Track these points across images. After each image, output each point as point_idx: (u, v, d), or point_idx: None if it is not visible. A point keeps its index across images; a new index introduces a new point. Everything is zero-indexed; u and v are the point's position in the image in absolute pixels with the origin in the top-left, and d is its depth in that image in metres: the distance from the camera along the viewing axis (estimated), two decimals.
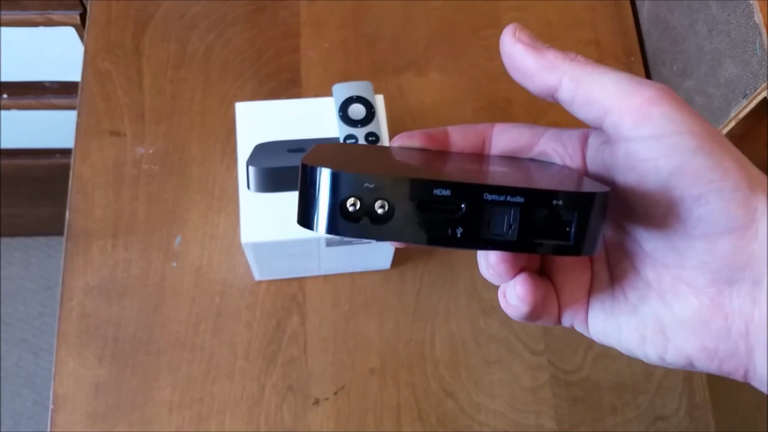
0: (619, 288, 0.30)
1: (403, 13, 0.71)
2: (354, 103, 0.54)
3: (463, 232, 0.25)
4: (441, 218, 0.25)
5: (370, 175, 0.25)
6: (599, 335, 0.30)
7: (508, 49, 0.29)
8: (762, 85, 0.51)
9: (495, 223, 0.25)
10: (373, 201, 0.25)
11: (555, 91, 0.29)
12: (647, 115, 0.26)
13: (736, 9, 0.53)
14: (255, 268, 0.58)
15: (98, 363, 0.58)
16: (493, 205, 0.24)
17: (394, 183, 0.25)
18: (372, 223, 0.25)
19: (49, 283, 1.33)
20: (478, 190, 0.24)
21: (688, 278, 0.27)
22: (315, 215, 0.25)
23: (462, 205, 0.25)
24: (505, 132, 0.32)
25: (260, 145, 0.53)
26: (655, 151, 0.26)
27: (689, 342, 0.27)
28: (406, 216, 0.25)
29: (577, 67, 0.28)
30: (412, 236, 0.25)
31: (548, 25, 0.71)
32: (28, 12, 0.77)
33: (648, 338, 0.28)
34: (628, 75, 0.27)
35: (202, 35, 0.69)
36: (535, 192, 0.25)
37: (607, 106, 0.27)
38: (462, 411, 0.58)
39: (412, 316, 0.60)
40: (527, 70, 0.29)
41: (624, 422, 0.58)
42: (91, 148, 0.64)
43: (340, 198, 0.25)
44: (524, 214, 0.25)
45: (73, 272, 0.60)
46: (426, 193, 0.25)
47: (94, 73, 0.67)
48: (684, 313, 0.27)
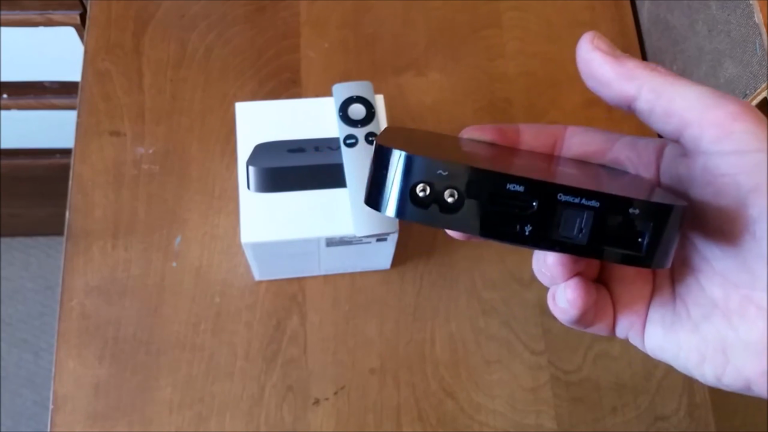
0: (681, 304, 0.29)
1: (403, 13, 0.71)
2: (354, 103, 0.54)
3: (532, 231, 0.24)
4: (511, 214, 0.24)
5: (444, 162, 0.24)
6: (655, 350, 0.30)
7: (585, 56, 0.29)
8: (762, 85, 0.51)
9: (566, 225, 0.24)
10: (444, 189, 0.24)
11: (633, 101, 0.28)
12: (729, 130, 0.26)
13: (736, 9, 0.53)
14: (255, 268, 0.58)
15: (98, 363, 0.58)
16: (567, 206, 0.24)
17: (468, 173, 0.24)
18: (440, 211, 0.25)
19: (49, 283, 1.33)
20: (553, 189, 0.24)
21: (758, 300, 0.27)
22: (384, 197, 0.25)
23: (534, 203, 0.24)
24: (577, 135, 0.32)
25: (260, 145, 0.53)
26: (735, 167, 0.26)
27: (751, 365, 0.27)
28: (475, 207, 0.24)
29: (658, 77, 0.27)
30: (480, 229, 0.25)
31: (548, 25, 0.71)
32: (28, 12, 0.77)
33: (708, 358, 0.28)
34: (710, 89, 0.27)
35: (202, 35, 0.69)
36: (612, 198, 0.24)
37: (688, 119, 0.27)
38: (462, 411, 0.58)
39: (412, 316, 0.61)
40: (604, 78, 0.28)
41: (624, 422, 0.58)
42: (91, 148, 0.64)
43: (412, 182, 0.24)
44: (597, 219, 0.24)
45: (73, 272, 0.60)
46: (499, 187, 0.24)
47: (94, 73, 0.67)
48: (750, 335, 0.27)
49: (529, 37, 0.71)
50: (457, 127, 0.67)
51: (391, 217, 0.25)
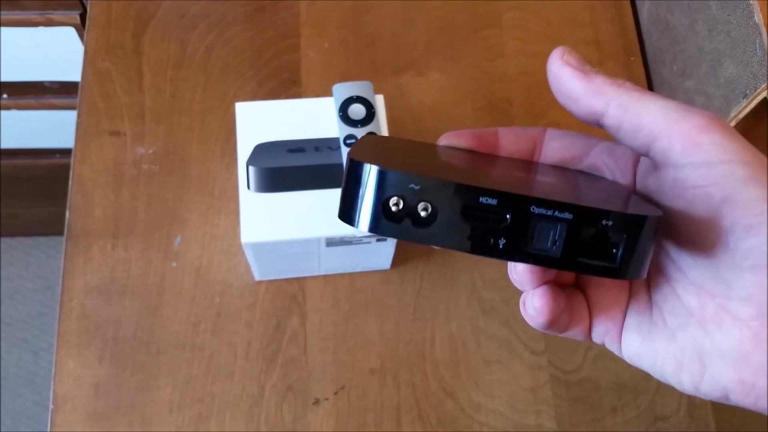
0: (658, 312, 0.29)
1: (403, 13, 0.71)
2: (354, 103, 0.54)
3: (506, 244, 0.24)
4: (484, 227, 0.24)
5: (416, 176, 0.24)
6: (633, 357, 0.30)
7: (556, 71, 0.29)
8: (762, 85, 0.51)
9: (540, 238, 0.24)
10: (417, 203, 0.24)
11: (601, 116, 0.28)
12: (697, 142, 0.26)
13: (736, 9, 0.53)
14: (255, 268, 0.58)
15: (98, 363, 0.58)
16: (540, 218, 0.24)
17: (440, 186, 0.24)
18: (413, 225, 0.24)
19: (49, 283, 1.33)
20: (526, 202, 0.24)
21: (732, 309, 0.27)
22: (357, 211, 0.25)
23: (507, 216, 0.24)
24: (556, 139, 0.32)
25: (260, 145, 0.53)
26: (705, 178, 0.26)
27: (727, 374, 0.27)
28: (448, 221, 0.24)
29: (625, 93, 0.28)
30: (453, 242, 0.24)
31: (548, 25, 0.71)
32: (28, 12, 0.77)
33: (685, 366, 0.28)
34: (676, 102, 0.27)
35: (202, 35, 0.69)
36: (585, 210, 0.24)
37: (655, 133, 0.27)
38: (462, 411, 0.58)
39: (412, 316, 0.60)
40: (573, 93, 0.28)
41: (624, 422, 0.58)
42: (91, 148, 0.64)
43: (384, 196, 0.24)
44: (571, 232, 0.24)
45: (73, 272, 0.60)
46: (471, 200, 0.24)
47: (94, 73, 0.67)
48: (725, 344, 0.27)
49: (529, 37, 0.71)
50: (457, 127, 0.67)
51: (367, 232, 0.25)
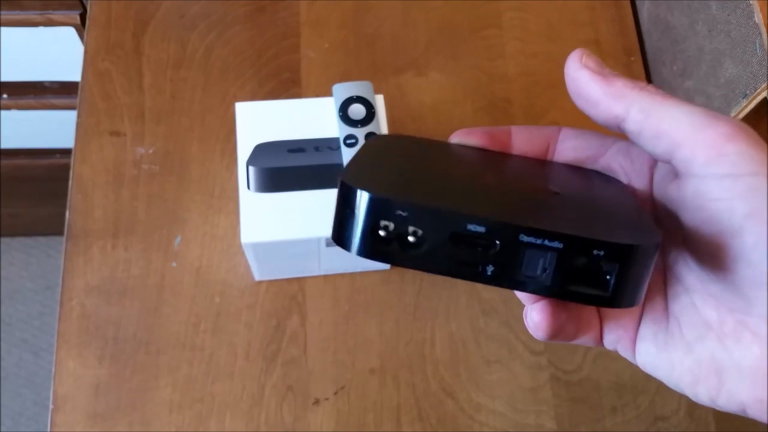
0: (675, 323, 0.28)
1: (403, 13, 0.71)
2: (354, 103, 0.54)
3: (494, 271, 0.24)
4: (473, 253, 0.24)
5: (403, 203, 0.24)
6: (648, 367, 0.29)
7: (573, 74, 0.28)
8: (762, 85, 0.51)
9: (529, 266, 0.24)
10: (405, 228, 0.24)
11: (621, 121, 0.27)
12: (722, 152, 0.25)
13: (736, 9, 0.53)
14: (255, 268, 0.58)
15: (98, 363, 0.58)
16: (529, 247, 0.23)
17: (427, 214, 0.24)
18: (401, 249, 0.24)
19: (49, 283, 1.33)
20: (514, 230, 0.23)
21: (753, 326, 0.26)
22: (347, 234, 0.24)
23: (496, 243, 0.24)
24: (570, 139, 0.31)
25: (260, 145, 0.53)
26: (729, 191, 0.25)
27: (745, 390, 0.26)
28: (437, 247, 0.24)
29: (647, 97, 0.27)
30: (441, 268, 0.24)
31: (548, 25, 0.71)
32: (28, 12, 0.77)
33: (702, 379, 0.27)
34: (701, 108, 0.26)
35: (202, 35, 0.69)
36: (575, 239, 0.23)
37: (678, 140, 0.26)
38: (462, 411, 0.58)
39: (412, 316, 0.60)
40: (592, 97, 0.28)
41: (624, 422, 0.58)
42: (91, 148, 0.64)
43: (372, 222, 0.24)
44: (561, 261, 0.23)
45: (73, 272, 0.60)
46: (459, 227, 0.23)
47: (94, 73, 0.67)
48: (744, 360, 0.26)
49: (529, 37, 0.71)
50: (457, 127, 0.66)
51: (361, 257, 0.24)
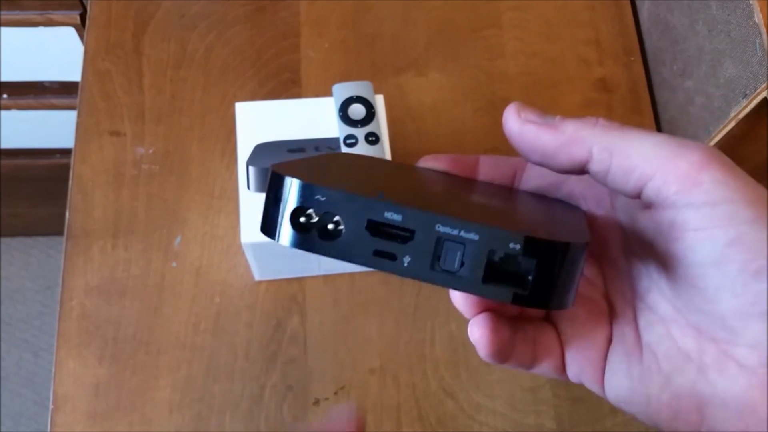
0: (650, 355, 0.27)
1: (403, 13, 0.71)
2: (354, 103, 0.54)
3: (411, 262, 0.23)
4: (390, 243, 0.23)
5: (322, 188, 0.23)
6: (620, 402, 0.28)
7: (517, 132, 0.27)
8: (762, 85, 0.51)
9: (446, 258, 0.23)
10: (324, 215, 0.23)
11: (585, 164, 0.26)
12: (696, 182, 0.24)
13: (736, 9, 0.53)
14: (255, 268, 0.58)
15: (98, 363, 0.58)
16: (446, 238, 0.23)
17: (345, 199, 0.23)
18: (320, 237, 0.23)
19: (49, 283, 1.33)
20: (431, 219, 0.23)
21: (738, 356, 0.25)
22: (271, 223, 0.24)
23: (413, 233, 0.23)
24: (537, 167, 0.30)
25: (260, 145, 0.53)
26: (708, 220, 0.24)
27: (729, 424, 0.25)
28: (355, 235, 0.23)
29: (606, 133, 0.26)
30: (359, 257, 0.23)
31: (548, 25, 0.71)
32: (28, 12, 0.77)
33: (681, 414, 0.26)
34: (666, 136, 0.25)
35: (202, 35, 0.69)
36: (491, 230, 0.22)
37: (649, 173, 0.25)
38: (462, 411, 0.58)
39: (412, 316, 0.60)
40: (548, 150, 0.26)
41: (624, 422, 0.58)
42: (91, 148, 0.64)
43: (292, 207, 0.23)
44: (478, 254, 0.22)
45: (73, 272, 0.60)
46: (376, 214, 0.23)
47: (94, 73, 0.67)
48: (729, 392, 0.25)
49: (529, 37, 0.71)
50: (457, 127, 0.67)
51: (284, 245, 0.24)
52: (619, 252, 0.29)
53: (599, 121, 0.26)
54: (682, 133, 0.63)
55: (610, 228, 0.29)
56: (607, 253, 0.29)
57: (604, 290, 0.29)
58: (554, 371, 0.29)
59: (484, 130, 0.67)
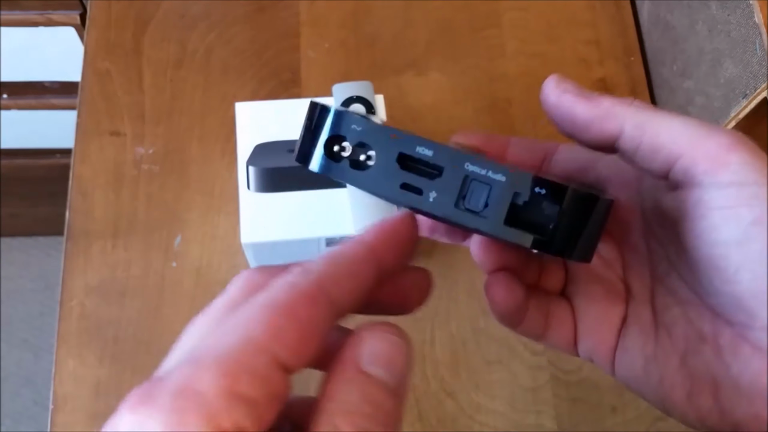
0: (665, 335, 0.27)
1: (403, 13, 0.71)
2: (354, 103, 0.54)
3: (436, 198, 0.24)
4: (418, 178, 0.24)
5: (358, 118, 0.24)
6: (630, 381, 0.28)
7: (554, 101, 0.27)
8: (762, 85, 0.51)
9: (471, 197, 0.24)
10: (357, 144, 0.24)
11: (616, 140, 0.26)
12: (725, 162, 0.24)
13: (736, 9, 0.53)
14: None
15: (98, 363, 0.58)
16: (473, 177, 0.23)
17: (379, 131, 0.24)
18: (351, 166, 0.24)
19: (49, 283, 1.33)
20: (461, 157, 0.23)
21: (754, 339, 0.25)
22: (308, 151, 0.25)
23: (442, 170, 0.24)
24: (565, 152, 0.31)
25: (260, 145, 0.53)
26: (733, 199, 0.24)
27: (741, 407, 0.25)
28: (385, 167, 0.24)
29: (639, 112, 0.26)
30: (386, 189, 0.24)
31: (548, 25, 0.71)
32: (28, 12, 0.77)
33: (694, 394, 0.26)
34: (695, 119, 0.26)
35: (202, 35, 0.69)
36: (519, 174, 0.23)
37: (678, 152, 0.25)
38: (462, 411, 0.58)
39: (412, 316, 0.60)
40: (580, 121, 0.27)
41: (624, 422, 0.58)
42: (91, 148, 0.64)
43: (328, 134, 0.24)
44: (502, 194, 0.23)
45: (73, 272, 0.60)
46: (408, 148, 0.24)
47: (94, 73, 0.67)
48: (743, 375, 0.25)
49: (529, 37, 0.71)
50: (457, 127, 0.67)
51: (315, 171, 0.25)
52: (640, 237, 0.29)
53: (634, 102, 0.27)
54: None
55: (633, 213, 0.29)
56: (628, 238, 0.29)
57: (622, 274, 0.29)
58: (565, 344, 0.29)
59: (485, 130, 0.67)
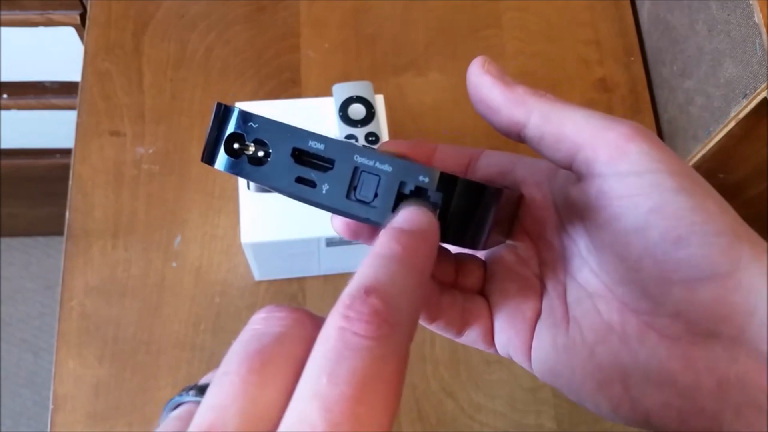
0: (576, 327, 0.28)
1: (403, 13, 0.71)
2: (354, 103, 0.54)
3: (329, 190, 0.25)
4: (312, 171, 0.25)
5: (254, 115, 0.26)
6: (545, 374, 0.28)
7: (475, 80, 0.28)
8: (762, 85, 0.51)
9: (362, 188, 0.25)
10: (254, 140, 0.26)
11: (522, 127, 0.27)
12: (624, 151, 0.25)
13: (736, 9, 0.53)
14: (255, 268, 0.58)
15: (98, 363, 0.58)
16: (363, 169, 0.25)
17: (274, 127, 0.26)
18: (249, 163, 0.26)
19: (49, 283, 1.33)
20: (350, 150, 0.25)
21: (659, 326, 0.25)
22: (208, 148, 0.27)
23: (333, 162, 0.25)
24: (488, 158, 0.31)
25: None
26: (632, 188, 0.25)
27: (651, 396, 0.25)
28: (280, 162, 0.25)
29: (547, 102, 0.27)
30: (282, 183, 0.25)
31: (548, 25, 0.71)
32: (28, 12, 0.77)
33: (604, 385, 0.26)
34: (599, 112, 0.26)
35: (202, 35, 0.69)
36: (404, 163, 0.24)
37: (579, 142, 0.26)
38: (462, 411, 0.58)
39: None
40: (494, 103, 0.28)
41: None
42: (91, 148, 0.64)
43: (226, 132, 0.26)
44: (389, 184, 0.24)
45: (73, 272, 0.60)
46: (301, 143, 0.25)
47: (94, 73, 0.67)
48: (650, 363, 0.25)
49: (529, 37, 0.71)
50: (457, 127, 0.67)
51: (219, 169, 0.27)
52: (554, 234, 0.30)
53: (547, 94, 0.27)
54: (682, 133, 0.63)
55: (547, 212, 0.30)
56: (543, 235, 0.30)
57: (538, 270, 0.30)
58: (482, 340, 0.30)
59: (484, 131, 0.66)
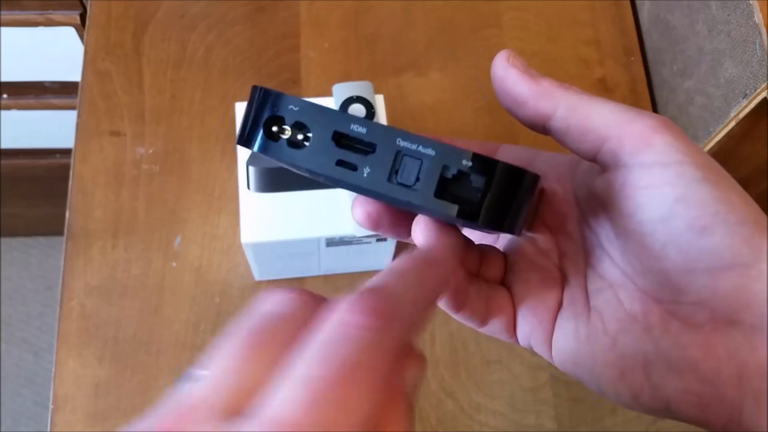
0: (597, 317, 0.28)
1: (403, 13, 0.71)
2: (354, 103, 0.54)
3: (370, 173, 0.25)
4: (353, 155, 0.25)
5: (295, 99, 0.25)
6: (566, 363, 0.29)
7: (501, 74, 0.29)
8: (762, 85, 0.51)
9: (404, 172, 0.25)
10: (293, 124, 0.25)
11: (548, 120, 0.28)
12: (650, 143, 0.26)
13: (736, 9, 0.53)
14: (255, 268, 0.58)
15: (98, 363, 0.58)
16: (405, 152, 0.25)
17: (315, 110, 0.25)
18: (288, 145, 0.26)
19: (49, 283, 1.33)
20: (393, 134, 0.25)
21: (681, 314, 0.26)
22: (245, 130, 0.26)
23: (375, 146, 0.25)
24: (507, 151, 0.32)
25: None
26: (658, 178, 0.25)
27: (672, 383, 0.25)
28: (320, 146, 0.25)
29: (573, 95, 0.27)
30: (322, 166, 0.25)
31: (548, 25, 0.71)
32: (28, 12, 0.77)
33: (626, 374, 0.26)
34: (625, 105, 0.27)
35: (202, 35, 0.69)
36: (447, 147, 0.24)
37: (605, 134, 0.26)
38: (462, 411, 0.58)
39: None
40: (520, 96, 0.28)
41: (624, 422, 0.58)
42: (91, 148, 0.64)
43: (266, 115, 0.26)
44: (431, 168, 0.24)
45: (73, 272, 0.60)
46: (343, 126, 0.25)
47: (94, 73, 0.67)
48: (672, 351, 0.25)
49: (529, 37, 0.71)
50: (457, 126, 0.67)
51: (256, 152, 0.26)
52: (575, 226, 0.30)
53: (572, 87, 0.28)
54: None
55: (568, 204, 0.30)
56: (563, 227, 0.30)
57: (558, 262, 0.30)
58: (505, 331, 0.30)
59: (484, 130, 0.67)
